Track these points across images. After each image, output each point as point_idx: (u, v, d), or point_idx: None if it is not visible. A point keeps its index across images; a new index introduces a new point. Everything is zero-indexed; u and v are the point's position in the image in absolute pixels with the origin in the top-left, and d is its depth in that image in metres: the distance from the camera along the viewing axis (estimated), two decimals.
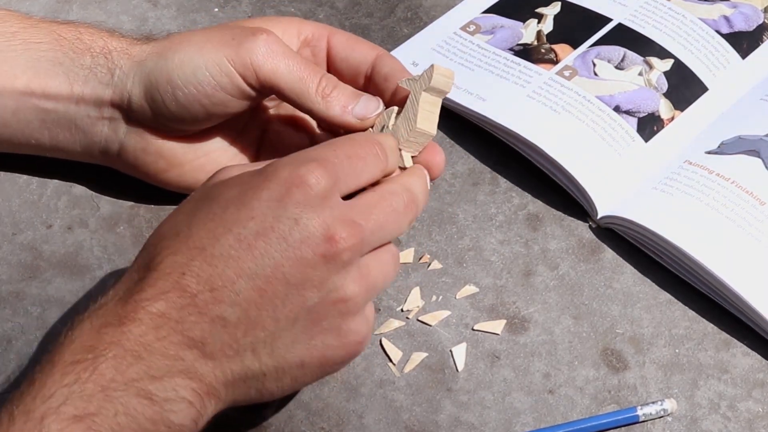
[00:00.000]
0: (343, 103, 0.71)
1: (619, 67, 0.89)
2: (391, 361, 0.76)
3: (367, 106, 0.71)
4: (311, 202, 0.63)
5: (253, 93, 0.73)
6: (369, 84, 0.75)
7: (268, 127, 0.79)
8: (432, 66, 0.70)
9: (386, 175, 0.68)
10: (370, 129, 0.72)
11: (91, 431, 0.58)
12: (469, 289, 0.79)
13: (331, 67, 0.77)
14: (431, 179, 0.71)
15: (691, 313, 0.79)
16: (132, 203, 0.82)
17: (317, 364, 0.65)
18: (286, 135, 0.79)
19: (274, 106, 0.80)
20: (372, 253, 0.65)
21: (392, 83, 0.73)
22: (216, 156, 0.78)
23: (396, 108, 0.71)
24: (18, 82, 0.76)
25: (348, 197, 0.65)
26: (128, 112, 0.76)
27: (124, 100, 0.75)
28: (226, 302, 0.62)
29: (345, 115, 0.71)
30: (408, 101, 0.70)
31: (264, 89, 0.73)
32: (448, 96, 0.87)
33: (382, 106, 0.72)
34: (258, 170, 0.65)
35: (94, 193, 0.83)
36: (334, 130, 0.73)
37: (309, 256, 0.62)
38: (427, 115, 0.70)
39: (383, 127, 0.71)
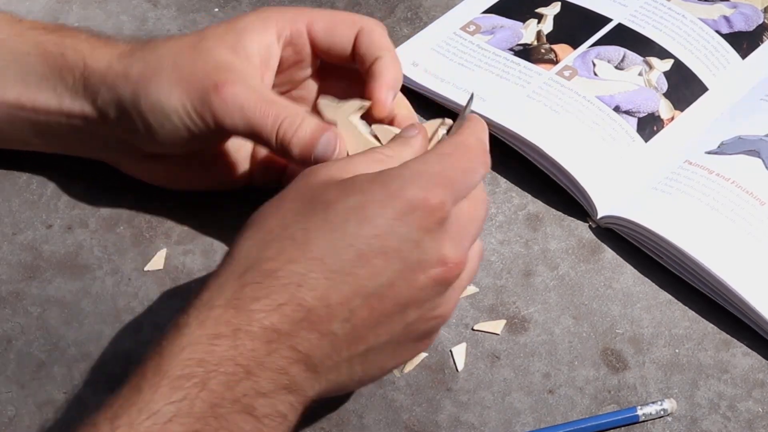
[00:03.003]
0: (302, 147, 0.70)
1: (619, 67, 0.89)
2: None
3: (326, 148, 0.70)
4: (431, 227, 0.62)
5: (223, 136, 0.74)
6: (354, 60, 0.76)
7: None
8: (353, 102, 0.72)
9: None
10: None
11: None
12: (469, 289, 0.79)
13: (316, 59, 0.78)
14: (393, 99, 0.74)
15: (691, 313, 0.79)
16: (132, 203, 0.82)
17: (393, 366, 0.67)
18: None
19: None
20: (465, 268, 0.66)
21: (371, 57, 0.74)
22: (212, 157, 0.79)
23: (439, 120, 0.71)
24: (9, 94, 0.76)
25: None
26: (116, 134, 0.76)
27: (108, 123, 0.75)
28: (339, 318, 0.61)
29: (304, 157, 0.71)
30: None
31: (231, 135, 0.74)
32: (449, 96, 0.87)
33: (339, 142, 0.71)
34: (379, 181, 0.63)
35: (94, 193, 0.83)
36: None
37: (422, 278, 0.63)
38: (380, 131, 0.72)
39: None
